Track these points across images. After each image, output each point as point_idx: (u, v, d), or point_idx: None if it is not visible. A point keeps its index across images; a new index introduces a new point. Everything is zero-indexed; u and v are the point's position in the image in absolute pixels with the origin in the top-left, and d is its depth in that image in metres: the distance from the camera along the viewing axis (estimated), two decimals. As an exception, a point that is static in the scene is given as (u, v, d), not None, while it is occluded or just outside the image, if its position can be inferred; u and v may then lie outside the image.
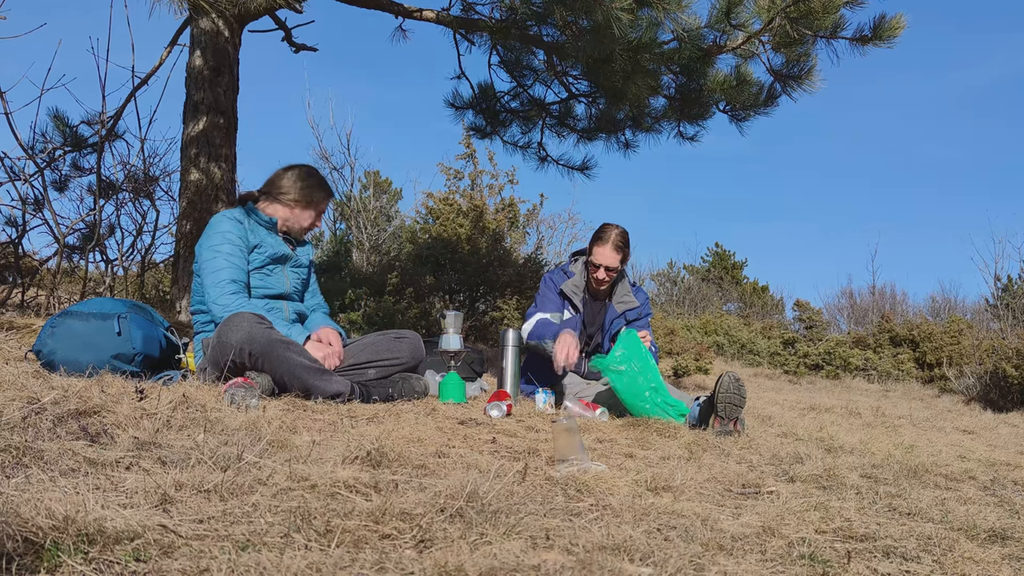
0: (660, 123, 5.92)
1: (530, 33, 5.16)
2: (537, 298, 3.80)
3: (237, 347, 2.60)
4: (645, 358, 3.09)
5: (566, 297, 3.72)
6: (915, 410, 5.78)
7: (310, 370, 2.66)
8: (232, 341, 2.61)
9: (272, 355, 2.62)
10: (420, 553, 1.18)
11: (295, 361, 2.64)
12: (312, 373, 2.65)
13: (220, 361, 2.63)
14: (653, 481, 1.87)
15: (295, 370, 2.63)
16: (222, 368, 2.62)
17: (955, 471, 2.56)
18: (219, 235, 2.91)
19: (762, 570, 1.30)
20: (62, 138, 5.52)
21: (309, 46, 5.92)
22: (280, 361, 2.62)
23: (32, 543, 1.02)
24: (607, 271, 3.63)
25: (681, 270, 19.70)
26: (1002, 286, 15.36)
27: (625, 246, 3.65)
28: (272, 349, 2.62)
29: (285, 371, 2.62)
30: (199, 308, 2.96)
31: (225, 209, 3.83)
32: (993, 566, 1.45)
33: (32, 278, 5.31)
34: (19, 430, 1.58)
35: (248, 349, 2.61)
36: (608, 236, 3.63)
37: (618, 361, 3.05)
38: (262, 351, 2.61)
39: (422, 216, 9.41)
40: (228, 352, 2.61)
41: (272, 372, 2.63)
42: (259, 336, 2.62)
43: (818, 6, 4.29)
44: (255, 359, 2.62)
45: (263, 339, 2.62)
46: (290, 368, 2.62)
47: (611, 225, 3.68)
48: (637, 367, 3.05)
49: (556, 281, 3.76)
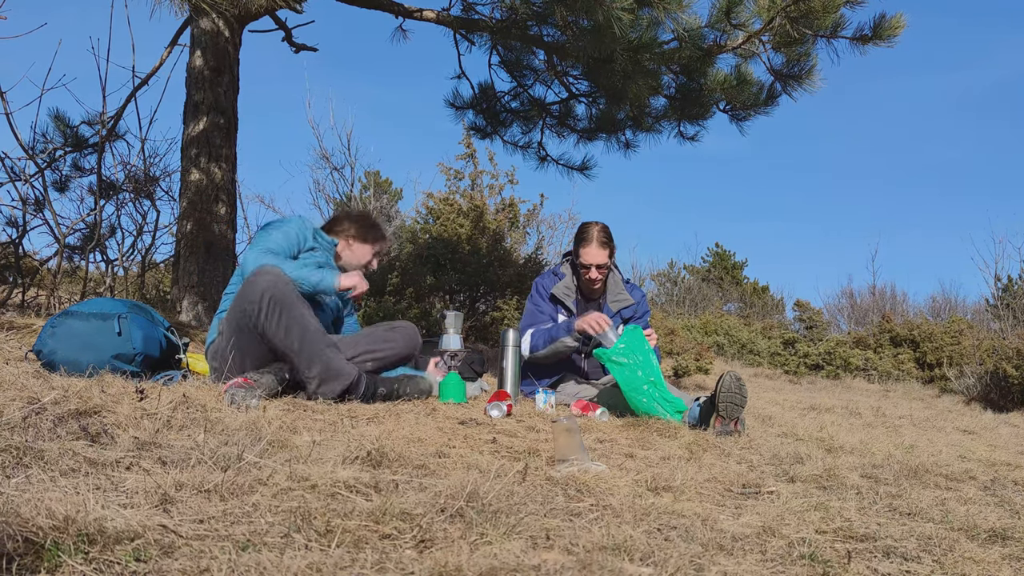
0: (660, 123, 5.92)
1: (530, 33, 5.16)
2: (526, 312, 3.73)
3: (259, 294, 2.59)
4: (646, 353, 3.11)
5: (558, 301, 3.66)
6: (915, 410, 5.78)
7: (325, 340, 2.65)
8: (257, 287, 2.60)
9: (291, 310, 2.60)
10: (420, 553, 1.18)
11: (312, 325, 2.63)
12: (326, 343, 2.65)
13: (239, 318, 2.63)
14: (653, 481, 1.87)
15: (308, 334, 2.61)
16: (240, 327, 2.63)
17: (955, 471, 2.56)
18: (280, 224, 2.96)
19: (762, 570, 1.30)
20: (63, 138, 5.52)
21: (309, 46, 5.93)
22: (296, 320, 2.60)
23: (32, 543, 1.02)
24: (598, 269, 3.59)
25: (681, 270, 19.70)
26: (1002, 286, 15.35)
27: (609, 240, 3.61)
28: (293, 304, 2.61)
29: (298, 333, 2.59)
30: (231, 291, 2.94)
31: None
32: (993, 566, 1.45)
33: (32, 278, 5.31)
34: (19, 430, 1.58)
35: (270, 295, 2.58)
36: (591, 234, 3.59)
37: (620, 353, 3.08)
38: (282, 302, 2.59)
39: (422, 216, 9.41)
40: (250, 301, 2.60)
41: (285, 333, 2.59)
42: (283, 287, 2.62)
43: (818, 6, 4.29)
44: (272, 312, 2.58)
45: (287, 290, 2.62)
46: (303, 330, 2.60)
47: (591, 223, 3.64)
48: (638, 360, 3.07)
49: (547, 286, 3.70)
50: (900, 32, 4.56)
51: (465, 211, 8.57)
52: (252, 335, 2.66)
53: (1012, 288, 15.01)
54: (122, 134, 5.76)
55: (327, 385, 2.63)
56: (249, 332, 2.66)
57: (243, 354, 2.70)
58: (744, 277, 20.48)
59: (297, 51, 5.88)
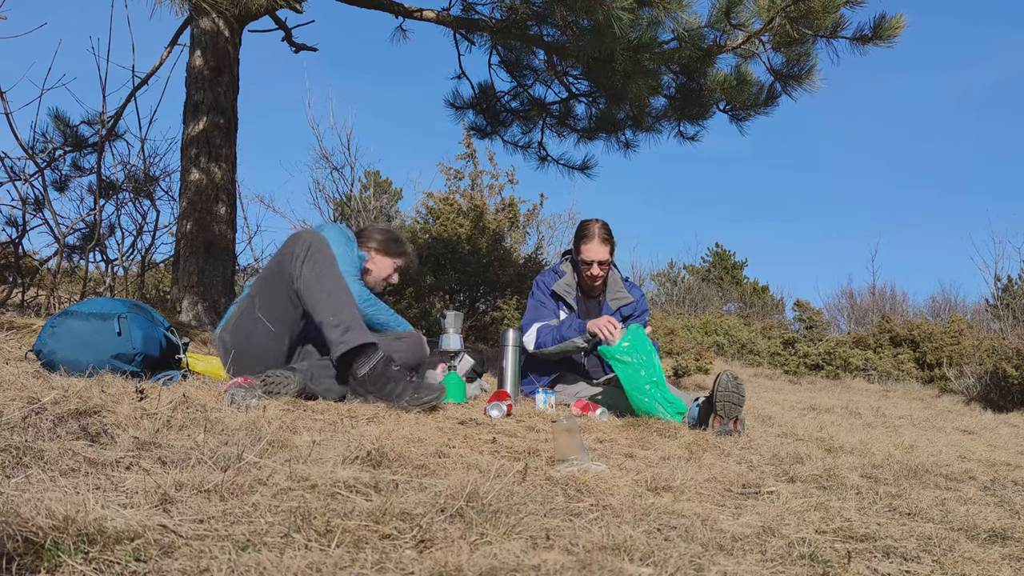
0: (660, 123, 5.92)
1: (530, 33, 5.16)
2: (529, 307, 3.74)
3: (305, 244, 2.74)
4: (650, 353, 3.12)
5: (559, 298, 3.69)
6: (915, 410, 5.78)
7: (353, 300, 2.76)
8: (304, 240, 2.76)
9: (330, 264, 2.74)
10: (420, 553, 1.18)
11: (345, 282, 2.77)
12: (353, 302, 2.75)
13: (274, 268, 2.78)
14: (653, 481, 1.87)
15: (341, 285, 2.74)
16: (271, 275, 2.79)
17: (955, 471, 2.56)
18: (339, 241, 3.05)
19: (762, 570, 1.30)
20: (62, 138, 5.52)
21: (309, 46, 5.92)
22: (332, 271, 2.74)
23: (32, 543, 1.02)
24: (600, 265, 3.62)
25: (681, 270, 19.70)
26: (1002, 286, 15.35)
27: (610, 237, 3.64)
28: (332, 260, 2.77)
29: (331, 283, 2.71)
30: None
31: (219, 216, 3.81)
32: (993, 566, 1.45)
33: (32, 278, 5.31)
34: (19, 430, 1.58)
35: (312, 245, 2.73)
36: (592, 231, 3.62)
37: (624, 351, 3.08)
38: (322, 252, 2.73)
39: (422, 216, 9.41)
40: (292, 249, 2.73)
41: (317, 279, 2.70)
42: (324, 246, 2.78)
43: (818, 6, 4.29)
44: (310, 259, 2.71)
45: (327, 250, 2.78)
46: (336, 279, 2.74)
47: (592, 220, 3.68)
48: (641, 360, 3.07)
49: (548, 283, 3.72)
50: (900, 32, 4.56)
51: (465, 211, 8.57)
52: (281, 282, 2.74)
53: (1012, 288, 15.01)
54: (122, 134, 5.76)
55: (350, 334, 2.64)
56: (279, 280, 2.74)
57: (265, 307, 2.78)
58: (744, 277, 20.49)
59: (297, 51, 5.87)
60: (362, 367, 2.64)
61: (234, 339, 2.81)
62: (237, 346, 2.80)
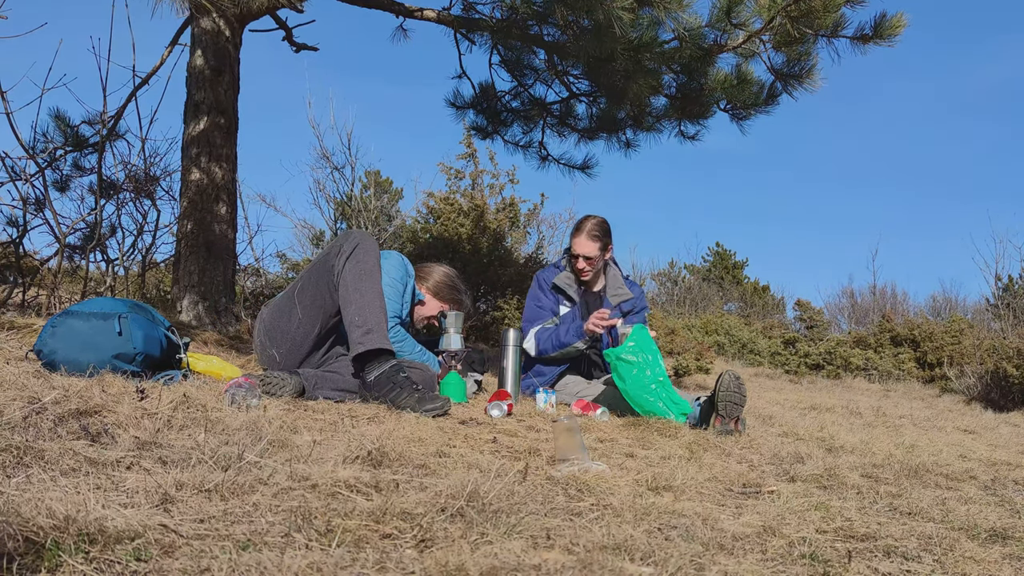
0: (661, 122, 5.92)
1: (531, 33, 5.16)
2: (527, 306, 3.80)
3: (354, 241, 2.79)
4: (655, 353, 3.11)
5: (560, 291, 3.76)
6: (916, 410, 5.78)
7: (384, 308, 2.78)
8: (355, 236, 2.82)
9: (373, 270, 2.77)
10: (421, 553, 1.18)
11: (381, 291, 2.80)
12: (384, 310, 2.77)
13: (322, 258, 2.84)
14: (654, 481, 1.87)
15: (376, 291, 2.76)
16: (316, 267, 2.86)
17: (956, 471, 2.56)
18: (394, 267, 3.11)
19: (763, 570, 1.30)
20: (63, 138, 5.51)
21: (310, 46, 5.92)
22: (373, 278, 2.77)
23: (33, 543, 1.02)
24: (585, 260, 3.68)
25: (682, 270, 19.71)
26: (1003, 286, 15.35)
27: (603, 235, 3.70)
28: (376, 267, 2.80)
29: (369, 286, 2.73)
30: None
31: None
32: (994, 566, 1.45)
33: (33, 278, 5.30)
34: (20, 430, 1.59)
35: (361, 244, 2.79)
36: (584, 226, 3.70)
37: (630, 351, 3.08)
38: (368, 255, 2.78)
39: (423, 216, 9.41)
40: (341, 245, 2.79)
41: (357, 279, 2.73)
42: (374, 249, 2.83)
43: (819, 5, 4.29)
44: (353, 259, 2.75)
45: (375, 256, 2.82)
46: (373, 284, 2.76)
47: (588, 216, 3.75)
48: (647, 360, 3.07)
49: (547, 278, 3.80)
50: (901, 31, 4.56)
51: (466, 211, 8.57)
52: (324, 272, 2.80)
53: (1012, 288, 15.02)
54: (122, 134, 5.75)
55: (371, 336, 2.66)
56: (323, 270, 2.80)
57: (303, 292, 2.85)
58: (744, 277, 20.48)
59: (297, 51, 5.87)
60: (372, 372, 2.66)
61: (270, 315, 2.94)
62: (271, 320, 2.93)
